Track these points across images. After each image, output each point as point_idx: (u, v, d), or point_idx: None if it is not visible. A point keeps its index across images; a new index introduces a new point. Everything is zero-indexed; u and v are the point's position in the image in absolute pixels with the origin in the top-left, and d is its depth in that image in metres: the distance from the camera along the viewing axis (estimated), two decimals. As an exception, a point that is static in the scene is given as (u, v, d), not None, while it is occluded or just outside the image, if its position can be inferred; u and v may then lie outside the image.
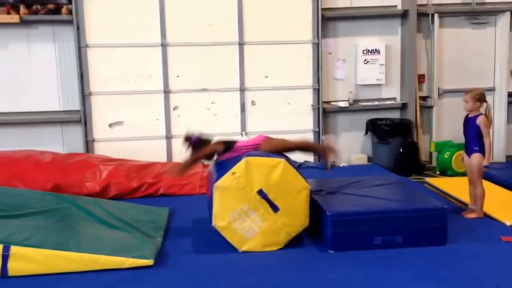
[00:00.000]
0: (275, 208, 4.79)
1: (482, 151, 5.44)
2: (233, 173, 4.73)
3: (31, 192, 5.62)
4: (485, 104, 5.52)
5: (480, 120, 5.40)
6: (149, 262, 4.42)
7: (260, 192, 4.76)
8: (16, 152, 6.86)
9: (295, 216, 4.83)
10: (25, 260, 4.27)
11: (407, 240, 4.75)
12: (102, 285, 4.12)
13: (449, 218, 4.89)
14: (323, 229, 4.84)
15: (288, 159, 4.95)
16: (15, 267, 4.26)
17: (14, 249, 4.26)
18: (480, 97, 5.46)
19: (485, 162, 5.43)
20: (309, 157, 8.06)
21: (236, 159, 4.82)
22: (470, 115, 5.54)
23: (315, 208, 5.02)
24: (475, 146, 5.47)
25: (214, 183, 4.76)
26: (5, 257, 4.23)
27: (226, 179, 4.73)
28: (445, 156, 7.85)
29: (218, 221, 4.77)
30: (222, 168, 4.89)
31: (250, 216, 4.77)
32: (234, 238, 4.80)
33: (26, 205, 5.20)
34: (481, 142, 5.43)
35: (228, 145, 5.20)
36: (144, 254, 4.49)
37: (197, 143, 5.18)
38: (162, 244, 4.92)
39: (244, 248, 4.81)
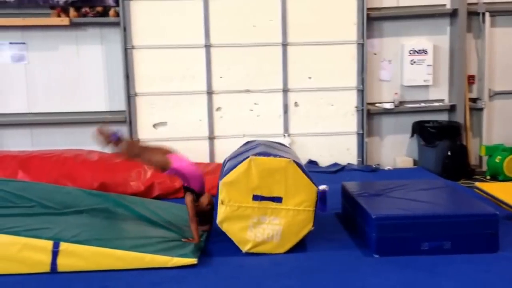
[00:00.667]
0: (278, 200, 4.72)
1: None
2: (222, 203, 4.72)
3: (78, 191, 5.74)
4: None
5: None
6: (193, 261, 4.44)
7: (255, 198, 4.71)
8: (64, 151, 7.03)
9: (299, 191, 4.72)
10: (74, 256, 4.36)
11: (456, 246, 4.59)
12: (148, 283, 4.16)
13: (501, 225, 4.70)
14: (368, 233, 4.74)
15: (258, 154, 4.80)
16: (64, 263, 4.35)
17: (63, 245, 4.35)
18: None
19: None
20: (352, 159, 7.95)
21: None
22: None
23: (359, 211, 4.93)
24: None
25: (217, 221, 4.75)
26: (55, 253, 4.33)
27: (222, 212, 4.73)
28: (496, 160, 7.58)
29: (245, 248, 4.75)
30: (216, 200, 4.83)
31: (264, 222, 4.72)
32: (268, 248, 4.76)
33: (74, 203, 5.30)
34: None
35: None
36: (187, 253, 4.51)
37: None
38: (205, 244, 4.92)
39: (284, 249, 4.75)
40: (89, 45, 7.63)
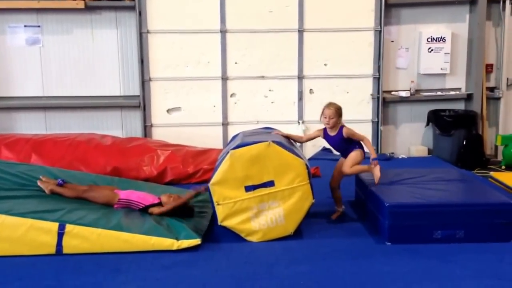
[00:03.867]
0: (270, 184, 4.70)
1: (360, 146, 5.10)
2: (218, 204, 4.70)
3: (83, 174, 5.80)
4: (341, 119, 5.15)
5: (346, 132, 5.07)
6: (197, 241, 4.48)
7: (248, 188, 4.69)
8: (78, 135, 7.06)
9: (288, 170, 4.70)
10: (79, 238, 4.40)
11: (469, 235, 4.56)
12: (159, 267, 4.19)
13: (515, 214, 4.64)
14: (381, 220, 4.72)
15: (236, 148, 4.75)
16: (70, 244, 4.39)
17: (69, 227, 4.39)
18: (340, 111, 5.12)
19: (373, 155, 5.10)
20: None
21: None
22: (331, 133, 5.16)
23: (372, 198, 4.89)
24: (353, 148, 5.09)
25: (219, 222, 4.74)
26: (61, 235, 4.37)
27: (220, 212, 4.71)
28: (512, 150, 7.47)
29: (255, 239, 4.74)
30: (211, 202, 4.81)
31: (264, 208, 4.72)
32: (276, 233, 4.75)
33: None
34: (354, 141, 5.09)
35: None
36: (191, 234, 4.54)
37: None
38: (218, 229, 4.91)
39: (292, 229, 4.75)
40: (104, 29, 7.63)
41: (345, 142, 5.17)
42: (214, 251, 4.50)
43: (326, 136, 5.27)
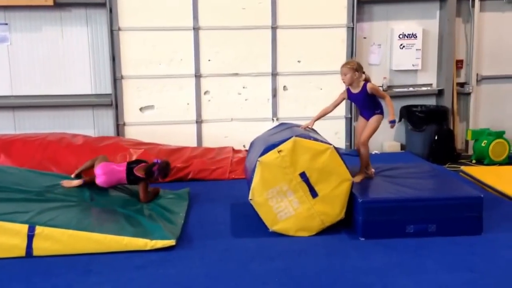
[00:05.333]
0: (314, 194, 4.72)
1: (382, 112, 5.25)
2: (279, 151, 4.65)
3: (55, 175, 5.69)
4: (363, 74, 5.23)
5: (371, 88, 5.13)
6: (171, 242, 4.43)
7: (302, 175, 4.68)
8: (48, 135, 6.93)
9: (332, 206, 4.74)
10: (50, 240, 4.32)
11: (440, 229, 4.61)
12: (132, 267, 4.13)
13: (485, 208, 4.72)
14: (355, 216, 4.75)
15: (335, 147, 4.82)
16: (40, 247, 4.30)
17: (39, 229, 4.30)
18: (357, 67, 5.16)
19: (391, 117, 5.19)
20: (340, 144, 7.94)
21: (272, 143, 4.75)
22: (354, 91, 5.24)
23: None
24: (375, 110, 5.23)
25: (259, 157, 4.69)
26: (30, 237, 4.28)
27: (271, 156, 4.66)
28: (482, 144, 7.62)
29: (256, 196, 4.72)
30: (268, 144, 4.80)
31: (288, 197, 4.70)
32: (267, 215, 4.75)
33: (50, 188, 5.24)
34: (379, 104, 5.24)
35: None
36: (165, 235, 4.49)
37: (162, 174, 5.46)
38: (192, 228, 4.92)
39: (275, 228, 4.75)
40: (74, 26, 7.50)
41: (369, 100, 5.19)
42: (188, 250, 4.46)
43: (349, 95, 5.31)
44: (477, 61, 8.13)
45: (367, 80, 5.22)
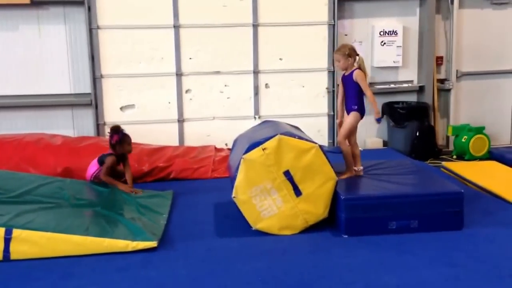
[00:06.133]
0: (298, 192, 4.70)
1: (360, 110, 5.21)
2: (263, 149, 4.63)
3: (33, 176, 5.61)
4: (357, 57, 5.21)
5: (357, 74, 5.12)
6: (153, 244, 4.37)
7: (287, 173, 4.66)
8: (26, 135, 6.81)
9: (316, 205, 4.73)
10: (28, 243, 4.23)
11: (422, 225, 4.63)
12: (114, 269, 4.07)
13: (466, 203, 4.76)
14: (338, 213, 4.75)
15: (320, 146, 4.81)
16: (18, 250, 4.22)
17: (16, 232, 4.21)
18: (350, 51, 5.16)
19: (376, 115, 5.23)
20: (323, 141, 7.94)
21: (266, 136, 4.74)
22: (346, 73, 5.25)
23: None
24: (353, 105, 5.21)
25: (243, 154, 4.66)
26: (7, 240, 4.19)
27: (255, 153, 4.64)
28: (463, 140, 7.69)
29: (239, 194, 4.69)
30: (252, 141, 4.77)
31: (272, 195, 4.68)
32: (250, 214, 4.72)
33: (28, 190, 5.16)
34: (360, 100, 5.20)
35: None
36: (147, 236, 4.44)
37: (119, 142, 5.73)
38: (174, 228, 4.87)
39: (259, 226, 4.73)
40: (51, 25, 7.37)
41: (352, 87, 5.16)
42: (170, 251, 4.41)
43: (342, 77, 5.31)
44: (457, 58, 8.19)
45: (359, 67, 5.19)
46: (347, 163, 5.32)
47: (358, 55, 5.25)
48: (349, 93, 5.25)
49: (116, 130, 5.80)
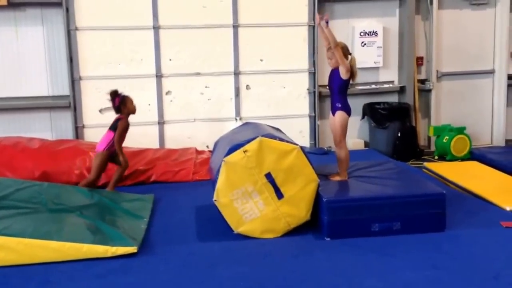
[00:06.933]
0: (280, 195, 4.66)
1: (344, 108, 5.21)
2: (245, 151, 4.58)
3: (10, 181, 5.49)
4: (349, 57, 5.20)
5: (341, 70, 5.09)
6: (133, 249, 4.30)
7: (268, 176, 4.62)
8: (3, 139, 6.66)
9: (298, 207, 4.69)
10: (4, 249, 4.13)
11: (405, 226, 4.62)
12: (93, 276, 3.99)
13: (448, 204, 4.76)
14: (320, 216, 4.71)
15: (302, 148, 4.77)
16: (-6, 257, 4.12)
17: (-8, 238, 4.12)
18: (343, 49, 5.11)
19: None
20: (304, 142, 7.92)
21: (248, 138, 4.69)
22: (334, 69, 5.23)
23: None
24: (337, 102, 5.21)
25: (224, 157, 4.60)
26: None
27: (236, 156, 4.58)
28: (444, 140, 7.72)
29: (220, 197, 4.63)
30: (233, 144, 4.72)
31: (253, 198, 4.63)
32: (232, 217, 4.66)
33: (5, 194, 5.05)
34: (344, 98, 5.20)
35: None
36: (127, 241, 4.37)
37: (122, 102, 5.89)
38: (155, 233, 4.80)
39: (240, 230, 4.68)
40: (29, 26, 7.24)
41: (337, 82, 5.14)
42: (151, 256, 4.33)
43: (330, 73, 5.28)
44: (437, 58, 8.24)
45: (351, 67, 5.15)
46: (340, 166, 5.28)
47: (350, 54, 5.23)
48: (334, 89, 5.22)
49: (115, 92, 5.93)
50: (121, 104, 5.90)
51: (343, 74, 5.10)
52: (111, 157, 5.87)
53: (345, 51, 5.15)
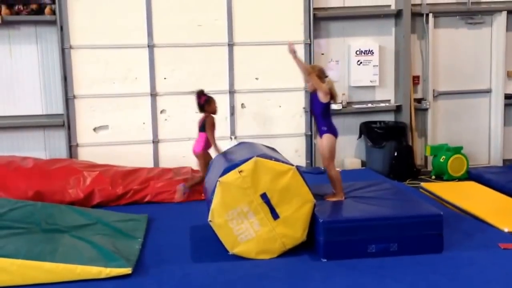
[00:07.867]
0: (275, 215, 4.59)
1: (330, 131, 5.19)
2: (240, 171, 4.52)
3: (3, 200, 5.43)
4: (326, 79, 5.19)
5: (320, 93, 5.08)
6: (127, 270, 4.23)
7: (264, 196, 4.57)
8: (-4, 158, 6.60)
9: (293, 228, 4.63)
10: (-2, 270, 4.06)
11: (402, 248, 4.55)
12: (84, 298, 3.91)
13: (445, 225, 4.70)
14: (316, 237, 4.65)
15: (298, 168, 4.72)
16: (-13, 278, 4.04)
17: (-15, 260, 4.04)
18: (319, 73, 5.14)
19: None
20: (300, 162, 7.86)
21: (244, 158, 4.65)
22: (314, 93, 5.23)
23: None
24: (322, 126, 5.19)
25: (219, 177, 4.55)
26: None
27: (231, 176, 4.53)
28: (441, 159, 7.68)
29: (215, 217, 4.57)
30: (229, 164, 4.68)
31: (249, 218, 4.57)
32: (227, 238, 4.59)
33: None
34: (328, 120, 5.18)
35: None
36: (121, 262, 4.29)
37: (207, 101, 6.28)
38: (149, 253, 4.72)
39: (236, 250, 4.60)
40: (23, 44, 7.24)
41: (318, 106, 5.13)
42: (145, 277, 4.25)
43: (310, 97, 5.33)
44: (433, 77, 8.25)
45: (330, 90, 5.14)
46: (334, 186, 5.24)
47: (326, 77, 5.22)
48: (316, 113, 5.23)
49: (202, 92, 6.33)
50: (206, 103, 6.25)
51: (322, 98, 5.11)
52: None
53: (321, 74, 5.14)
